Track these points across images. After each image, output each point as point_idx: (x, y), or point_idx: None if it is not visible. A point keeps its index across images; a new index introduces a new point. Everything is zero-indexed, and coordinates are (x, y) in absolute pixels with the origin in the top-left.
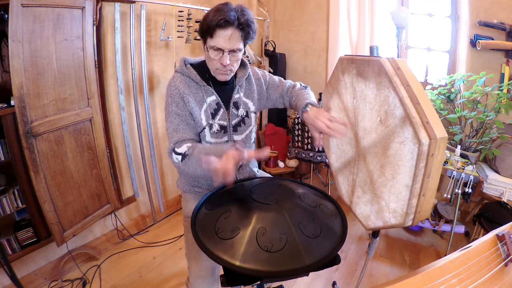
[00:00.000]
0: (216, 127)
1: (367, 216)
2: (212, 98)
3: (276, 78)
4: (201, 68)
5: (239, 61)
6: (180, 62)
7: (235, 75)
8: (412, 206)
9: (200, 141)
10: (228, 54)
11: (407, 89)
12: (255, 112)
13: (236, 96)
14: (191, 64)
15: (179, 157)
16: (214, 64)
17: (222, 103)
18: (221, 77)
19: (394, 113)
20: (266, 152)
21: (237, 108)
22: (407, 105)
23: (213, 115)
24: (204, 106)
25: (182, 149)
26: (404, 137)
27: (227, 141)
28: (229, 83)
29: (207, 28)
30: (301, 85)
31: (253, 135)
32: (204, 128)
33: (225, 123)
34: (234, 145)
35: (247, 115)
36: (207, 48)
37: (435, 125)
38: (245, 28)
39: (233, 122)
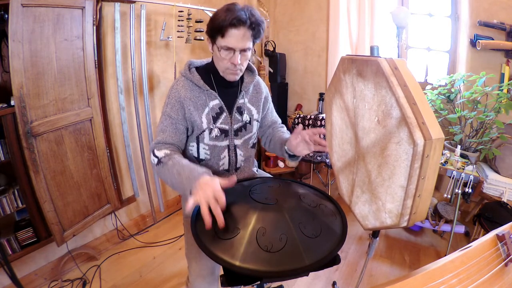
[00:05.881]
0: (215, 132)
1: (365, 216)
2: (215, 102)
3: (274, 111)
4: (206, 71)
5: (248, 60)
6: (185, 66)
7: (242, 80)
8: (407, 207)
9: (183, 148)
10: (239, 53)
11: (404, 89)
12: (257, 121)
13: (240, 101)
14: (197, 67)
15: (156, 160)
16: (224, 64)
17: (225, 107)
18: (230, 77)
19: (391, 113)
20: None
21: (241, 113)
22: (403, 105)
23: (215, 119)
24: (206, 110)
25: (160, 153)
26: (400, 138)
27: (227, 145)
28: (234, 86)
29: (218, 28)
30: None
31: (253, 141)
32: (203, 131)
33: (226, 127)
34: (208, 172)
35: (250, 122)
36: (217, 48)
37: (431, 125)
38: (255, 28)
39: (235, 126)
